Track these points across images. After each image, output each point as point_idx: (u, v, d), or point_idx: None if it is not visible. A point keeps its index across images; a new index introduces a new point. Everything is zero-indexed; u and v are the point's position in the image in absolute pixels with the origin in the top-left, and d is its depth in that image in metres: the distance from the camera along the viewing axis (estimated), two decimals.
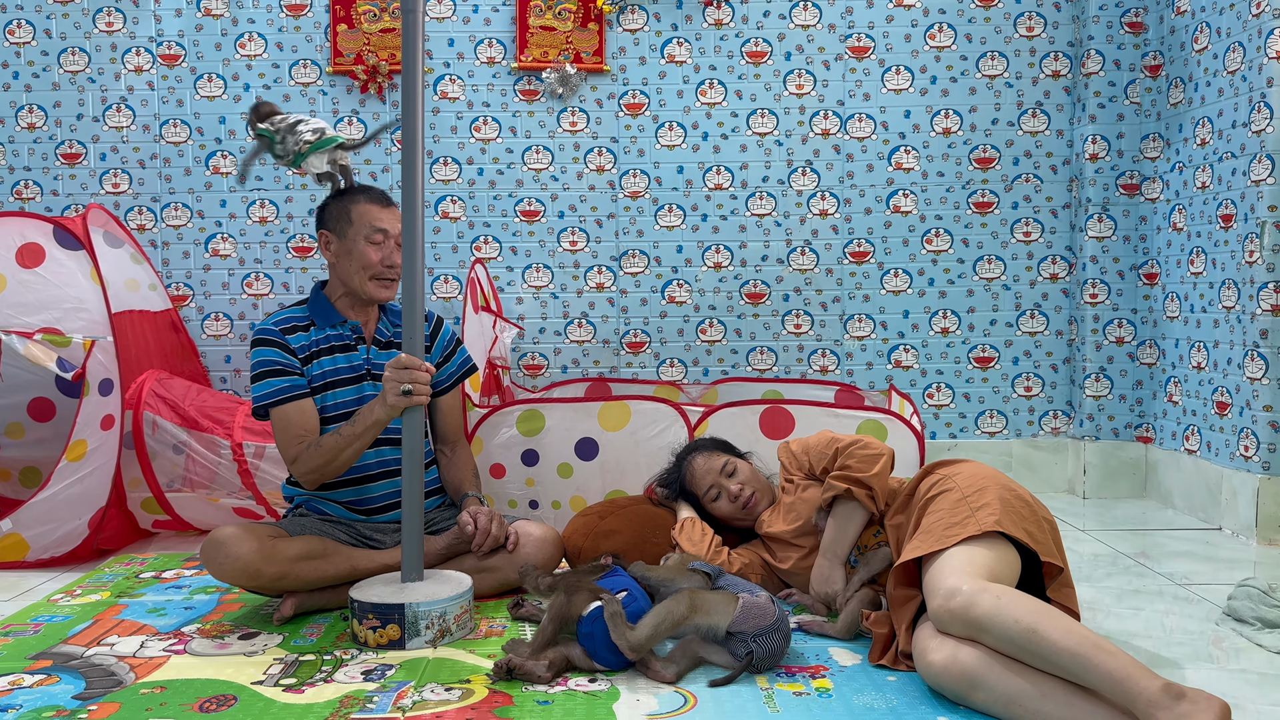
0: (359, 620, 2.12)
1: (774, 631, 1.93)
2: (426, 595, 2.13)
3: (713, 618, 1.93)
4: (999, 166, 3.73)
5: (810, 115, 3.73)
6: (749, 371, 3.76)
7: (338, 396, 2.40)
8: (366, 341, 2.46)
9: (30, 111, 3.69)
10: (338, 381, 2.40)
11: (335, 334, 2.43)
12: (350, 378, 2.42)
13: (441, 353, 2.55)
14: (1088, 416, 3.65)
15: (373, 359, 2.44)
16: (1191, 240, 3.36)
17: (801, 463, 2.38)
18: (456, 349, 2.60)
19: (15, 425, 3.31)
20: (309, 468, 2.31)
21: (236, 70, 3.69)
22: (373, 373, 2.43)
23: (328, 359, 2.41)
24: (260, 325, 2.42)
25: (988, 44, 3.71)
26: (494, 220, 3.74)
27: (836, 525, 2.22)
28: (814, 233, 3.75)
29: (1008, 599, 1.68)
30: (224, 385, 3.71)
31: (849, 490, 2.17)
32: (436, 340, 2.55)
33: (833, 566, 2.21)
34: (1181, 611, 2.36)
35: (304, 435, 2.33)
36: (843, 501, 2.21)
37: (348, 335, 2.44)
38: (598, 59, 3.68)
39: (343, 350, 2.43)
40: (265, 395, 2.34)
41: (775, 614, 1.95)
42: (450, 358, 2.58)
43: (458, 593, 2.16)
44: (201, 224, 3.72)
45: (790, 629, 2.03)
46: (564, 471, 2.91)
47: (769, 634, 1.92)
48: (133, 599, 2.48)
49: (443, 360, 2.55)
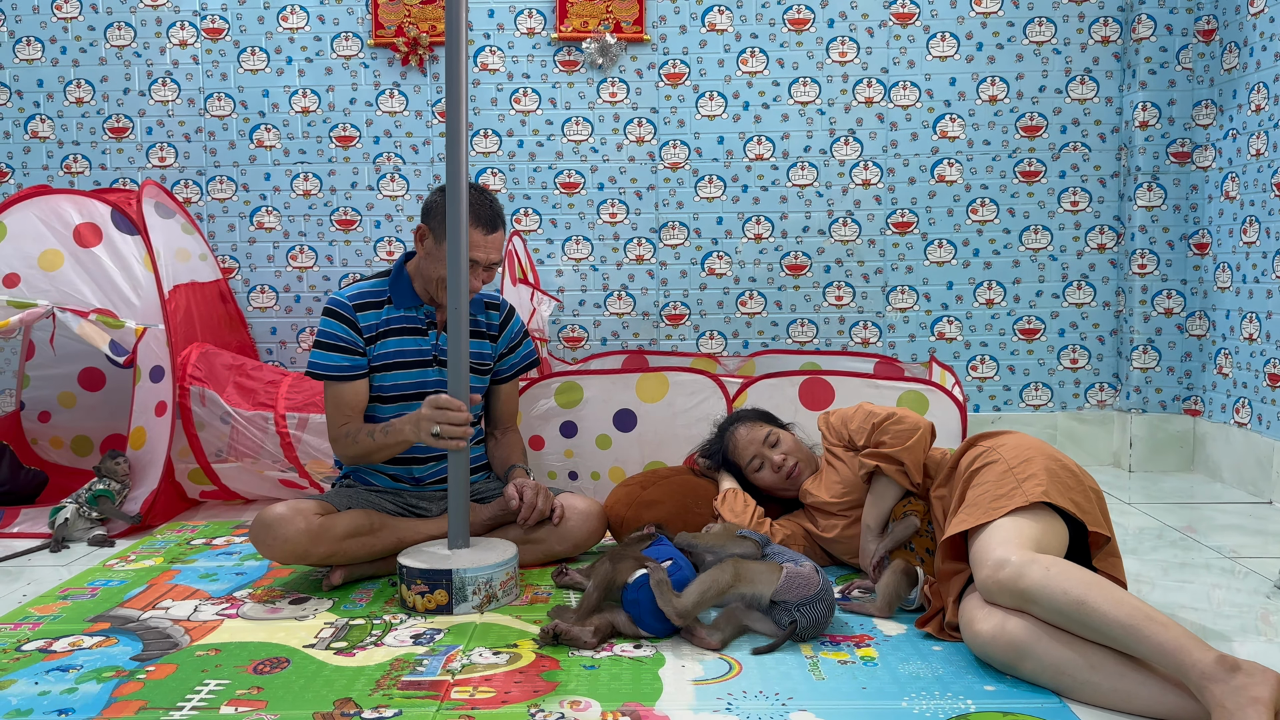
0: (407, 586, 2.15)
1: (818, 601, 1.93)
2: (473, 562, 2.16)
3: (757, 586, 1.94)
4: (1046, 135, 3.67)
5: (853, 83, 3.68)
6: (789, 344, 3.75)
7: (399, 378, 2.42)
8: (438, 327, 2.45)
9: (78, 86, 3.74)
10: (403, 364, 2.42)
11: (409, 315, 2.44)
12: (416, 361, 2.43)
13: (507, 344, 2.59)
14: (1135, 389, 3.60)
15: (442, 345, 2.43)
16: (1245, 209, 3.28)
17: (840, 435, 2.37)
18: (523, 341, 2.63)
19: (67, 395, 3.39)
20: (345, 455, 2.40)
21: (279, 44, 3.71)
22: (439, 359, 2.44)
23: (396, 340, 2.42)
24: (336, 295, 2.43)
25: (1035, 9, 3.63)
26: (534, 192, 3.75)
27: (870, 500, 2.23)
28: (856, 203, 3.71)
29: (1057, 570, 1.66)
30: (270, 357, 3.77)
31: (877, 468, 2.17)
32: (505, 330, 2.59)
33: (865, 540, 2.24)
34: (1230, 585, 2.33)
35: (350, 415, 2.38)
36: (877, 477, 2.21)
37: (420, 319, 2.44)
38: (638, 28, 3.65)
39: (413, 333, 2.43)
40: (322, 367, 2.38)
41: (820, 584, 1.95)
42: (515, 349, 2.62)
43: (504, 559, 2.19)
44: (246, 197, 3.76)
45: (834, 599, 2.03)
46: (602, 443, 2.92)
47: (813, 604, 1.92)
48: (185, 565, 2.53)
49: (507, 351, 2.59)
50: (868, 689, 1.74)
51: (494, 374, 2.58)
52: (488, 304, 2.56)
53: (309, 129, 3.74)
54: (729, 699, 1.71)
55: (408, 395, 2.41)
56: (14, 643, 2.00)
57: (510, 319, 2.61)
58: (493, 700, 1.70)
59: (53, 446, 3.39)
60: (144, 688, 1.77)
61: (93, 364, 3.36)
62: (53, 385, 3.39)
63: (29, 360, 3.39)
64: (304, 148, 3.74)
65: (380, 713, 1.66)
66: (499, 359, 2.57)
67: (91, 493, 2.75)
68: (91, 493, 2.75)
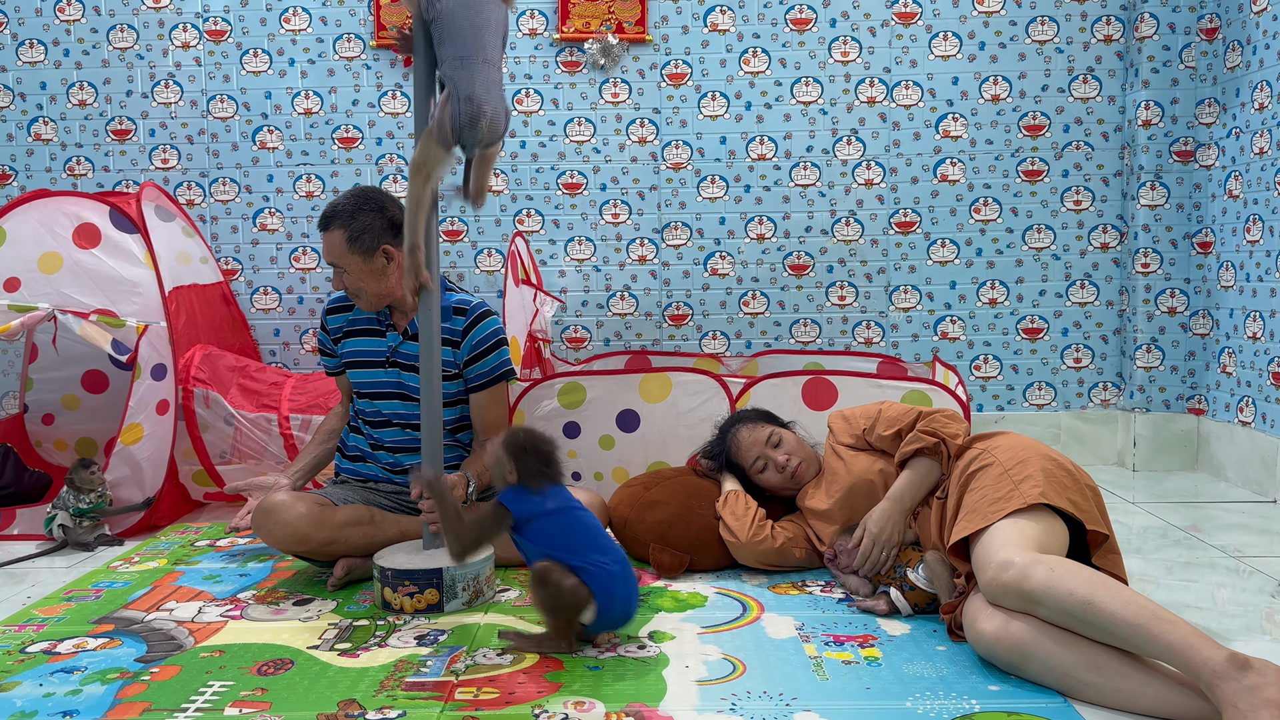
0: (392, 588, 2.15)
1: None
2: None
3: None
4: (1049, 134, 3.66)
5: (856, 83, 3.68)
6: (792, 344, 3.74)
7: (362, 376, 2.55)
8: (397, 329, 2.51)
9: (81, 89, 3.75)
10: (362, 363, 2.54)
11: (369, 318, 2.55)
12: (373, 361, 2.53)
13: (471, 351, 2.47)
14: (1138, 388, 3.59)
15: (399, 349, 2.50)
16: (1248, 208, 3.28)
17: (857, 428, 2.36)
18: (494, 350, 2.50)
19: (70, 397, 3.39)
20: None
21: (282, 45, 3.71)
22: (394, 361, 2.49)
23: (358, 340, 2.56)
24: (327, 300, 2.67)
25: (1038, 8, 3.62)
26: (536, 193, 3.75)
27: (912, 476, 2.18)
28: (859, 203, 3.71)
29: (1061, 570, 1.66)
30: (273, 359, 3.77)
31: (936, 445, 2.15)
32: (468, 336, 2.47)
33: (895, 511, 2.16)
34: (1234, 584, 2.33)
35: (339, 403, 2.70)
36: (923, 457, 2.18)
37: (376, 321, 2.54)
38: (640, 28, 3.65)
39: (372, 334, 2.54)
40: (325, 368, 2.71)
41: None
42: (482, 357, 2.48)
43: (485, 555, 2.22)
44: (249, 199, 3.76)
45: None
46: (606, 443, 2.92)
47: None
48: (189, 566, 2.54)
49: (472, 358, 2.48)
50: (872, 689, 1.74)
51: (465, 382, 2.51)
52: (456, 309, 2.48)
53: (311, 130, 3.74)
54: (733, 699, 1.70)
55: (370, 393, 2.54)
56: (18, 645, 2.00)
57: (476, 324, 2.48)
58: (497, 701, 1.70)
59: (57, 449, 3.40)
60: (148, 689, 1.77)
61: (96, 366, 3.36)
62: (56, 388, 3.39)
63: (32, 363, 3.39)
64: (306, 149, 3.74)
65: (384, 714, 1.66)
66: (465, 365, 2.49)
67: (80, 506, 2.70)
68: (80, 506, 2.70)
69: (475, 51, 2.11)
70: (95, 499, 2.73)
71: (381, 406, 2.52)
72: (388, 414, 2.52)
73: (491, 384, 2.52)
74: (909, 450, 2.19)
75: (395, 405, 2.50)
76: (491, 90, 2.13)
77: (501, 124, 2.17)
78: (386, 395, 2.51)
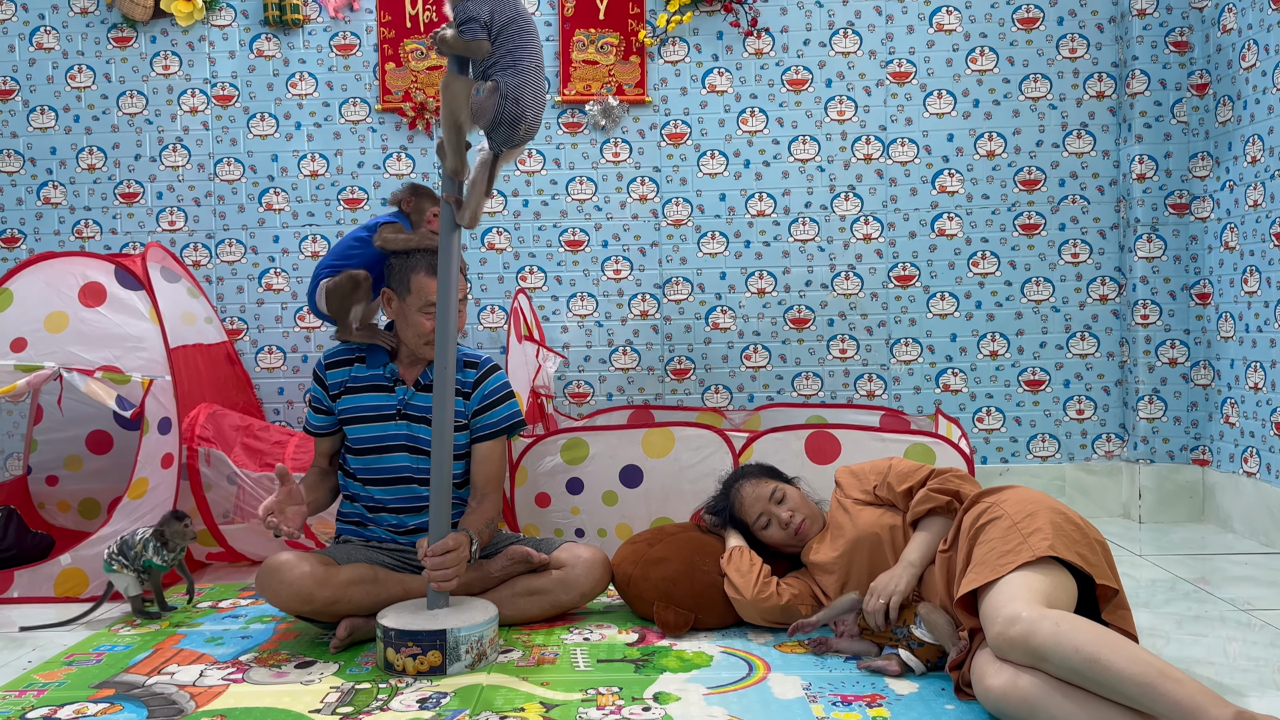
0: (395, 649, 2.13)
1: None
2: (464, 620, 2.15)
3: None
4: (1045, 188, 3.71)
5: (852, 140, 3.74)
6: (794, 397, 3.75)
7: (365, 431, 2.51)
8: (407, 383, 2.52)
9: (90, 153, 3.81)
10: (367, 418, 2.51)
11: (376, 373, 2.54)
12: (381, 415, 2.50)
13: (481, 401, 2.51)
14: (1142, 439, 3.59)
15: (409, 400, 2.50)
16: (1245, 259, 3.30)
17: (867, 483, 2.36)
18: (504, 402, 2.55)
19: (74, 458, 3.40)
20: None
21: (288, 109, 3.78)
22: (405, 413, 2.49)
23: (361, 396, 2.52)
24: (321, 356, 2.62)
25: (1030, 66, 3.69)
26: (539, 250, 3.79)
27: (927, 538, 2.17)
28: (858, 257, 3.74)
29: (1068, 626, 1.65)
30: (277, 417, 3.78)
31: (949, 504, 2.15)
32: (479, 388, 2.52)
33: (904, 571, 2.14)
34: (1245, 638, 2.31)
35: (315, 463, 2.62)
36: (936, 517, 2.18)
37: (385, 376, 2.53)
38: (640, 91, 3.72)
39: (379, 390, 2.52)
40: (308, 423, 2.62)
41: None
42: (492, 408, 2.52)
43: (489, 616, 2.20)
44: (255, 259, 3.80)
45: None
46: (609, 499, 2.91)
47: None
48: (191, 628, 2.52)
49: (481, 408, 2.52)
50: None
51: (472, 432, 2.52)
52: (466, 362, 2.53)
53: (317, 191, 3.79)
54: None
55: (374, 448, 2.50)
56: (19, 711, 1.98)
57: (486, 377, 2.53)
58: None
59: (60, 510, 3.39)
60: None
61: (100, 426, 3.37)
62: (60, 449, 3.40)
63: (37, 424, 3.40)
64: (312, 210, 3.79)
65: None
66: (473, 415, 2.52)
67: (154, 560, 2.57)
68: (154, 560, 2.57)
69: (530, 56, 2.17)
70: (172, 559, 2.60)
71: (386, 461, 2.50)
72: (392, 469, 2.50)
73: (498, 434, 2.54)
74: (922, 510, 2.19)
75: (403, 459, 2.49)
76: (539, 98, 2.19)
77: (536, 131, 2.24)
78: (393, 449, 2.49)
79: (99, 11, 3.79)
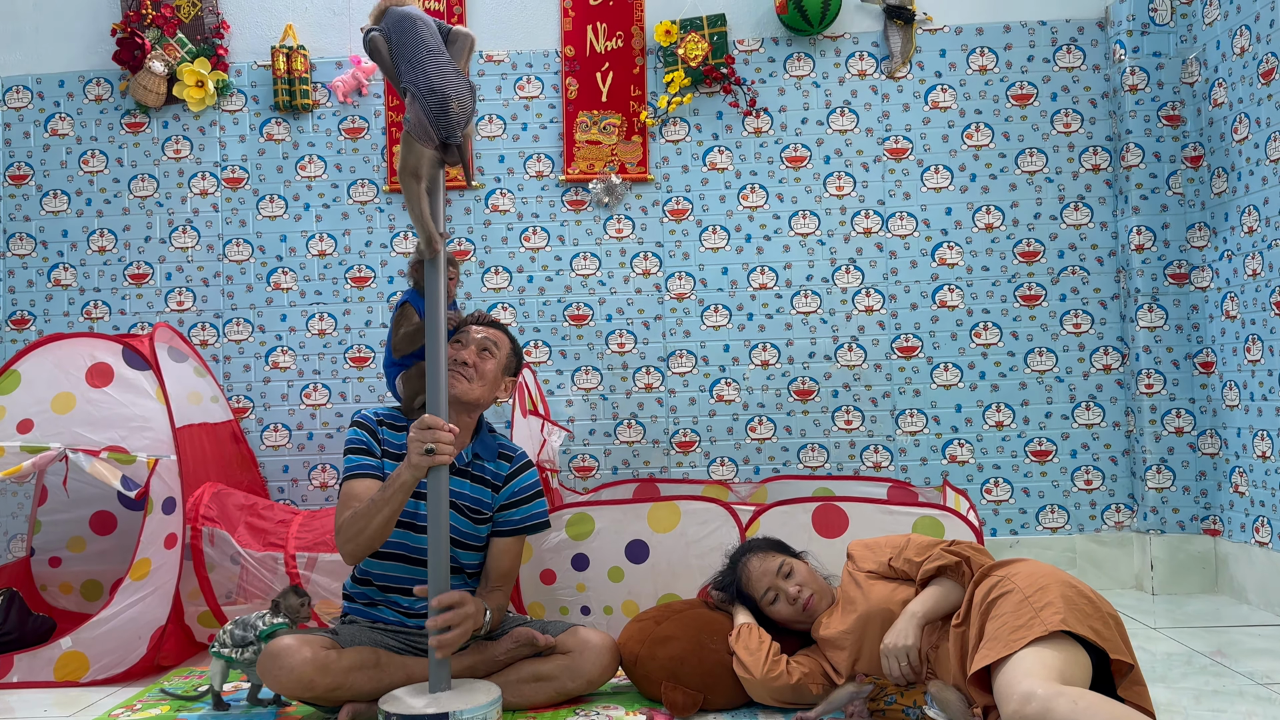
0: None
1: None
2: (466, 703, 2.13)
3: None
4: (1044, 259, 3.74)
5: (851, 215, 3.79)
6: (800, 469, 3.74)
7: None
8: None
9: (101, 235, 3.87)
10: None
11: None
12: (414, 492, 2.40)
13: (509, 497, 2.51)
14: (1151, 509, 3.56)
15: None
16: (1247, 328, 3.32)
17: (882, 555, 2.34)
18: (532, 500, 2.53)
19: (77, 539, 3.38)
20: (346, 537, 2.31)
21: (297, 191, 3.85)
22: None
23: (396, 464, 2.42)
24: (363, 411, 2.55)
25: (1025, 141, 3.76)
26: (543, 325, 3.81)
27: (936, 593, 2.16)
28: (860, 329, 3.76)
29: (1084, 703, 1.62)
30: (281, 495, 3.77)
31: (958, 565, 2.14)
32: (510, 483, 2.52)
33: (907, 623, 2.12)
34: (1265, 713, 2.26)
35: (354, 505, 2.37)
36: (944, 576, 2.17)
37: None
38: (642, 169, 3.79)
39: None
40: (347, 469, 2.42)
41: None
42: (519, 505, 2.52)
43: (492, 699, 2.17)
44: (262, 338, 3.83)
45: None
46: (615, 575, 2.89)
47: None
48: (191, 713, 2.48)
49: (509, 504, 2.51)
50: None
51: (495, 526, 2.50)
52: (502, 454, 2.53)
53: (325, 271, 3.84)
54: None
55: (403, 524, 2.38)
56: None
57: (520, 474, 2.53)
58: None
59: (62, 592, 3.36)
60: None
61: (105, 507, 3.36)
62: (63, 530, 3.38)
63: (41, 505, 3.39)
64: (320, 289, 3.84)
65: None
66: (499, 509, 2.50)
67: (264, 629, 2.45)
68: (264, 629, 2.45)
69: (416, 49, 2.21)
70: (285, 630, 2.45)
71: (411, 540, 2.41)
72: (419, 549, 2.39)
73: (519, 532, 2.51)
74: (931, 569, 2.17)
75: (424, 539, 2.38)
76: (445, 75, 2.21)
77: (469, 101, 2.24)
78: (421, 529, 2.39)
79: (113, 98, 3.89)
